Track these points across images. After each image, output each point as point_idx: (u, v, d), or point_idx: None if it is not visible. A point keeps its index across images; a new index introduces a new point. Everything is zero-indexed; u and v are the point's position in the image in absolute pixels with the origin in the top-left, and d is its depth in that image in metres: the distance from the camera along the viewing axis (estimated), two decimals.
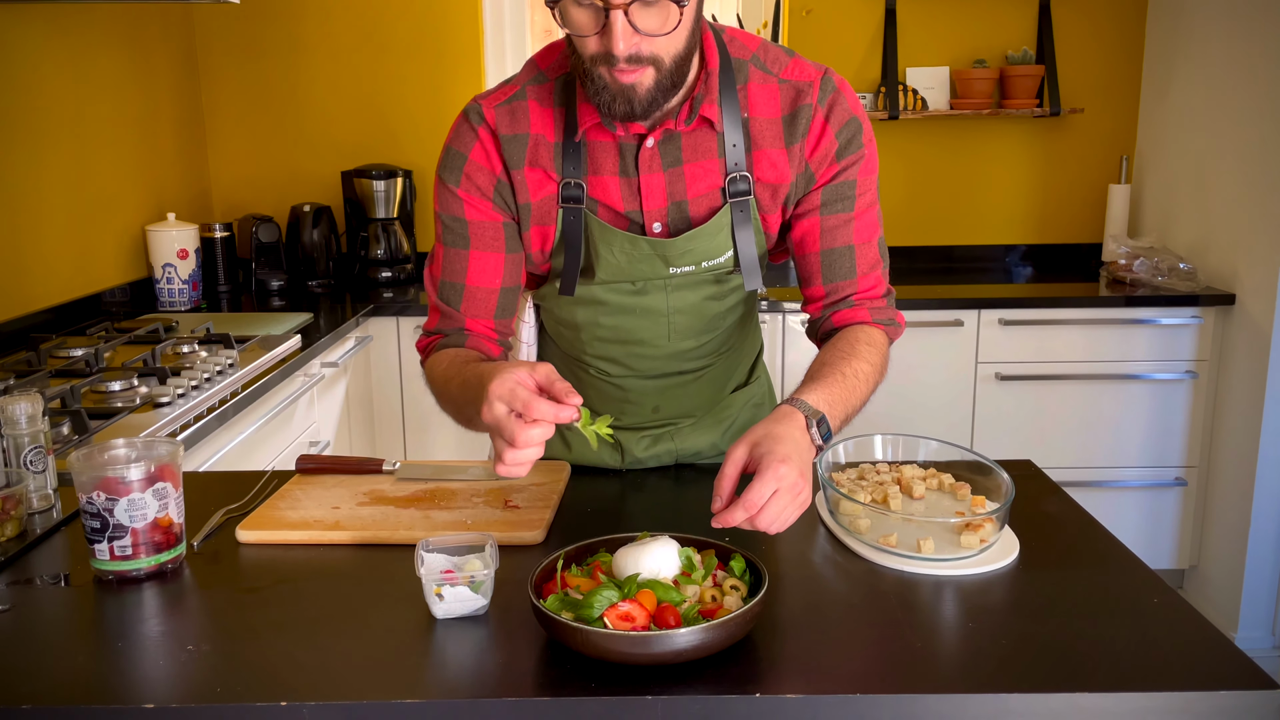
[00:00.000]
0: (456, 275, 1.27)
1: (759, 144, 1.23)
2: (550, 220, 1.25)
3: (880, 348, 1.24)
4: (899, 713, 0.84)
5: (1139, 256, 2.92)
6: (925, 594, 1.03)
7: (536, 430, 0.99)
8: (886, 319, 1.29)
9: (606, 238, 1.24)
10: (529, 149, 1.23)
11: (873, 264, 1.28)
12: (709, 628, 0.86)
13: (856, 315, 1.27)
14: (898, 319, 1.30)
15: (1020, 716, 0.84)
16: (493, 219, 1.26)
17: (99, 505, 1.07)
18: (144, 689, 0.87)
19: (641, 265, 1.26)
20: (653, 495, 1.33)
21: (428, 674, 0.90)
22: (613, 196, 1.24)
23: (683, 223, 1.25)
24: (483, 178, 1.24)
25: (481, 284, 1.27)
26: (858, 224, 1.26)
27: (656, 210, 1.24)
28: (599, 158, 1.23)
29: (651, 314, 1.31)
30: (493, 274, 1.27)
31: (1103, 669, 0.88)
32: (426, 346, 1.32)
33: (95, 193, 2.64)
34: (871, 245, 1.28)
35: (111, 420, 1.67)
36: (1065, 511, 1.23)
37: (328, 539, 1.16)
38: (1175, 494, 2.87)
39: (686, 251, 1.24)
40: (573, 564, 0.99)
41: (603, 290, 1.29)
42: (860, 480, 1.26)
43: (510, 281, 1.29)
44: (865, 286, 1.28)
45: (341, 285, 3.18)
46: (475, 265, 1.27)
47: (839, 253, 1.26)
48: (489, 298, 1.28)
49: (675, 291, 1.29)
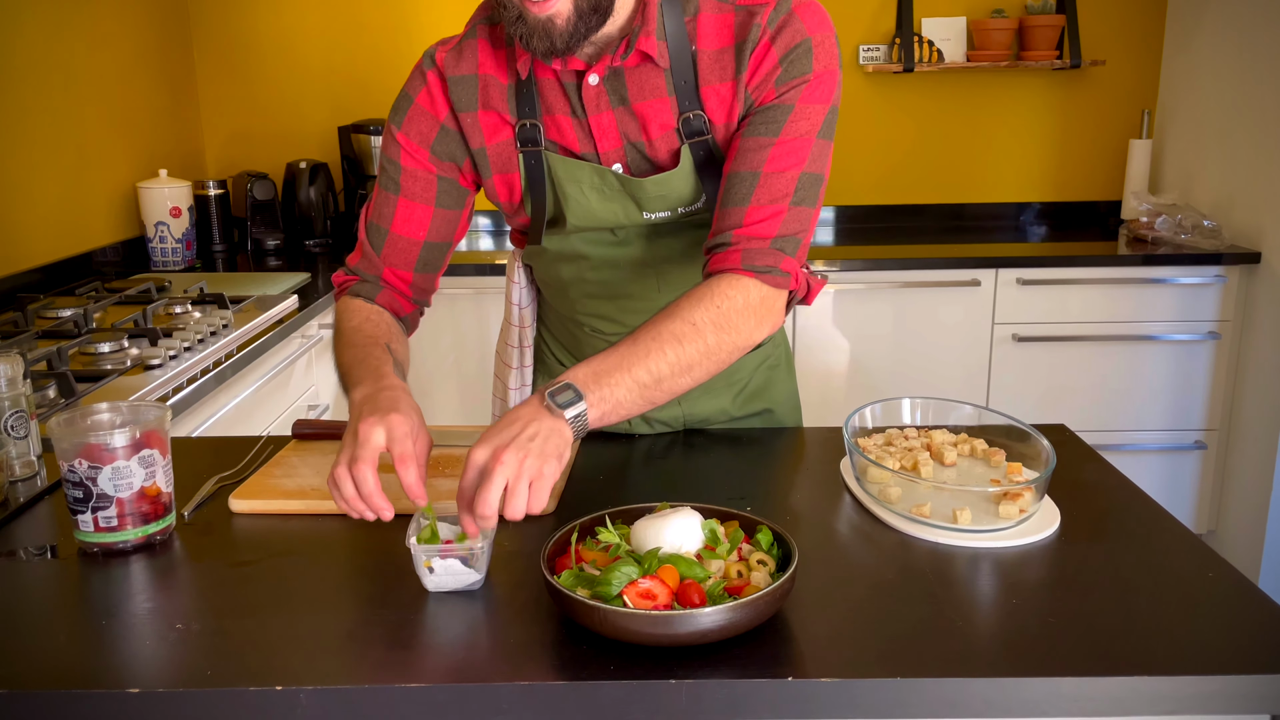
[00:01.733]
0: (383, 220, 1.21)
1: (707, 79, 1.12)
2: (513, 167, 1.18)
3: (724, 300, 1.04)
4: (942, 698, 0.78)
5: (1161, 214, 2.83)
6: (962, 568, 0.96)
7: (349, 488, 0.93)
8: (764, 265, 1.07)
9: (573, 175, 1.16)
10: (479, 90, 1.15)
11: (776, 197, 1.08)
12: (736, 606, 0.80)
13: (727, 260, 1.08)
14: (782, 266, 1.08)
15: (1073, 702, 0.78)
16: (426, 169, 1.19)
17: (81, 474, 1.01)
18: (128, 672, 0.81)
19: (613, 206, 1.18)
20: (663, 463, 1.27)
21: (434, 655, 0.83)
22: (568, 137, 1.16)
23: (645, 165, 1.17)
24: (425, 124, 1.17)
25: (405, 233, 1.21)
26: (776, 150, 1.09)
27: (613, 151, 1.16)
28: (549, 97, 1.15)
29: (637, 266, 1.24)
30: (418, 225, 1.21)
31: (1159, 650, 0.81)
32: (342, 283, 1.26)
33: (83, 148, 2.55)
34: (784, 176, 1.08)
35: (100, 383, 1.60)
36: (1105, 479, 1.17)
37: (325, 508, 1.09)
38: (1195, 457, 2.81)
39: (658, 196, 1.17)
40: (587, 536, 0.93)
41: (582, 243, 1.22)
42: (888, 446, 1.19)
43: (437, 237, 1.22)
44: (753, 220, 1.08)
45: (340, 244, 3.10)
46: (401, 213, 1.20)
47: (740, 177, 1.09)
48: (410, 249, 1.22)
49: (658, 240, 1.22)
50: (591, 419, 0.96)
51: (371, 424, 0.94)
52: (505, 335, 1.45)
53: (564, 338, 1.40)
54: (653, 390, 1.01)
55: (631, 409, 1.00)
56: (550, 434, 0.92)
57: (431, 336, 2.76)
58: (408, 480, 0.93)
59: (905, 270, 2.69)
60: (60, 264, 2.43)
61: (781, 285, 1.09)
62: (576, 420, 0.95)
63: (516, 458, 0.89)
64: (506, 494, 0.88)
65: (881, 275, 2.68)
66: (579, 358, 1.39)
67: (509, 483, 0.88)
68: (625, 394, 0.98)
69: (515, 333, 1.42)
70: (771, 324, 1.10)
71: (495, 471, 0.88)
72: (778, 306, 1.11)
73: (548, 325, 1.43)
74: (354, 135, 3.05)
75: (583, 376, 0.97)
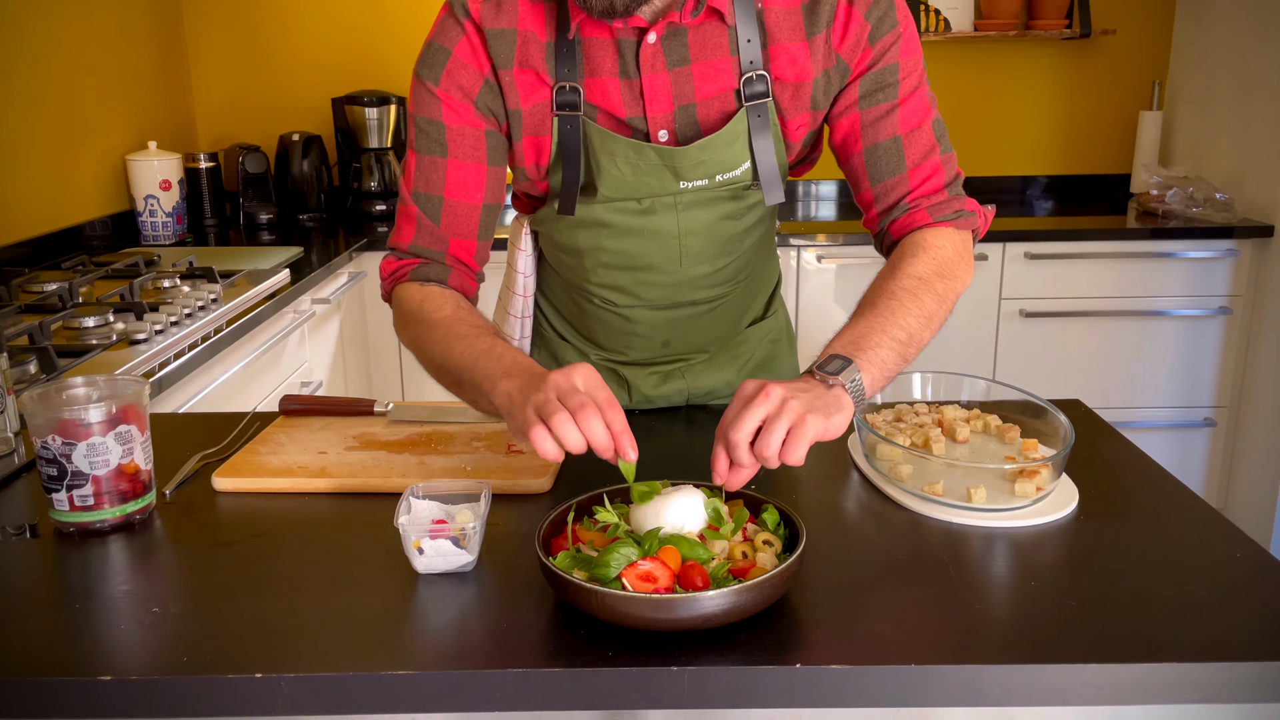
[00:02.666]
0: (434, 187, 1.12)
1: (775, 37, 1.08)
2: (545, 130, 1.11)
3: (935, 250, 1.07)
4: (959, 685, 0.74)
5: (1172, 187, 2.78)
6: (977, 548, 0.92)
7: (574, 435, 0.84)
8: (953, 211, 1.11)
9: (609, 147, 1.10)
10: (518, 47, 1.09)
11: (926, 152, 1.11)
12: (741, 589, 0.75)
13: (914, 219, 1.11)
14: (967, 207, 1.12)
15: (1098, 690, 0.74)
16: (474, 125, 1.11)
17: (55, 450, 0.96)
18: (101, 659, 0.77)
19: (648, 179, 1.12)
20: (664, 439, 1.22)
21: (422, 641, 0.79)
22: (613, 101, 1.10)
23: (692, 129, 1.11)
24: (467, 77, 1.09)
25: (462, 198, 1.12)
26: (903, 111, 1.10)
27: (662, 116, 1.10)
28: (596, 57, 1.08)
29: (661, 236, 1.18)
30: (474, 187, 1.12)
31: (1186, 635, 0.77)
32: (396, 270, 1.15)
33: (71, 120, 2.49)
34: (923, 131, 1.11)
35: (83, 358, 1.55)
36: (1124, 456, 1.12)
37: (313, 487, 1.05)
38: (1204, 435, 2.76)
39: (699, 163, 1.11)
40: (585, 516, 0.88)
41: (606, 210, 1.16)
42: (897, 422, 1.14)
43: (493, 198, 1.15)
44: (919, 180, 1.11)
45: (334, 219, 3.04)
46: (454, 176, 1.12)
47: (883, 147, 1.11)
48: (470, 215, 1.13)
49: (687, 210, 1.16)
50: (866, 384, 0.92)
51: (567, 374, 0.86)
52: (506, 305, 1.38)
53: (568, 310, 1.34)
54: (908, 347, 0.99)
55: (894, 370, 0.97)
56: (827, 395, 0.88)
57: None
58: (617, 427, 0.84)
59: None
60: (48, 237, 2.38)
61: (971, 225, 1.12)
62: (854, 386, 0.91)
63: (782, 395, 0.85)
64: (761, 431, 0.83)
65: None
66: (584, 331, 1.33)
67: (767, 417, 0.84)
68: (889, 354, 0.96)
69: (519, 303, 1.36)
70: (972, 266, 1.12)
71: (757, 403, 0.84)
72: (971, 248, 1.13)
73: (548, 296, 1.37)
74: (348, 107, 2.98)
75: (843, 345, 0.94)
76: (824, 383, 0.90)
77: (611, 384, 1.30)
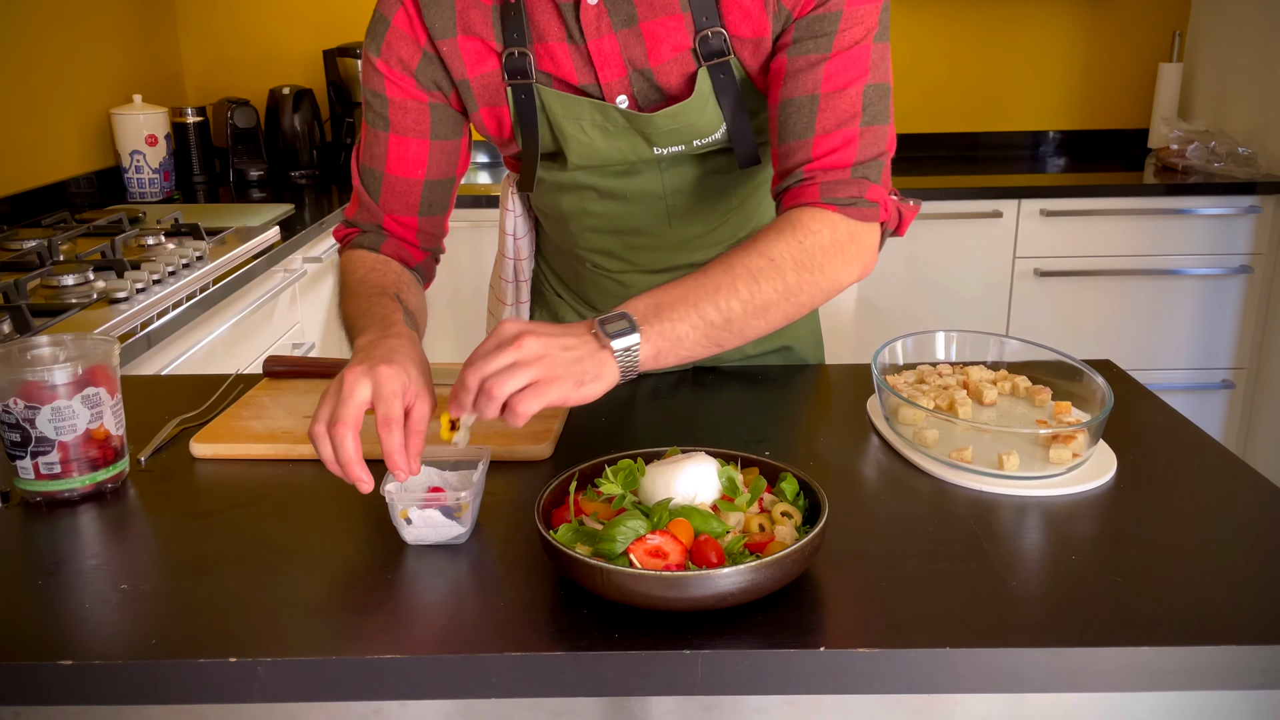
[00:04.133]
0: (376, 161, 1.08)
1: None
2: (501, 100, 1.04)
3: (808, 236, 0.93)
4: (999, 670, 0.68)
5: (1192, 141, 2.68)
6: (1009, 519, 0.85)
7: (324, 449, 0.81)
8: (847, 196, 0.95)
9: (571, 111, 1.02)
10: (458, 13, 1.00)
11: (842, 120, 0.95)
12: (759, 565, 0.69)
13: (802, 194, 0.96)
14: (869, 195, 0.96)
15: (1150, 675, 0.68)
16: (416, 98, 1.04)
17: (17, 415, 0.89)
18: (62, 641, 0.70)
19: (619, 143, 1.04)
20: (671, 403, 1.15)
21: (412, 621, 0.73)
22: (564, 67, 1.01)
23: (653, 94, 1.02)
24: (406, 48, 1.02)
25: (402, 173, 1.07)
26: (830, 66, 0.95)
27: (616, 81, 1.01)
28: (541, 22, 1.00)
29: (646, 197, 1.10)
30: (415, 163, 1.07)
31: (1248, 615, 0.71)
32: (344, 237, 1.14)
33: (52, 72, 2.40)
34: (846, 95, 0.95)
35: (59, 317, 1.48)
36: (1162, 419, 1.05)
37: (297, 453, 0.99)
38: (1221, 396, 2.70)
39: (671, 130, 1.02)
40: (588, 486, 0.81)
41: (585, 174, 1.08)
42: (920, 384, 1.08)
43: (438, 173, 1.09)
44: (824, 150, 0.96)
45: (326, 176, 2.95)
46: (395, 151, 1.06)
47: (797, 104, 0.97)
48: (410, 190, 1.08)
49: (671, 169, 1.08)
50: (644, 356, 0.83)
51: (357, 376, 0.81)
52: (499, 268, 1.32)
53: (565, 272, 1.27)
54: (721, 331, 0.88)
55: (693, 351, 0.87)
56: (587, 358, 0.80)
57: None
58: (388, 446, 0.79)
59: (924, 201, 2.54)
60: (30, 194, 2.29)
61: (870, 218, 0.97)
62: (626, 355, 0.82)
63: (537, 350, 0.79)
64: (503, 372, 0.78)
65: None
66: (581, 294, 1.26)
67: (515, 362, 0.78)
68: (689, 331, 0.86)
69: (510, 265, 1.29)
70: (863, 263, 0.98)
71: (509, 349, 0.78)
72: (869, 243, 0.98)
73: (546, 258, 1.30)
74: (340, 59, 2.88)
75: (642, 308, 0.85)
76: (597, 339, 0.82)
77: None
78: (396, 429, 0.80)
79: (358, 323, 0.97)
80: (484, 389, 0.78)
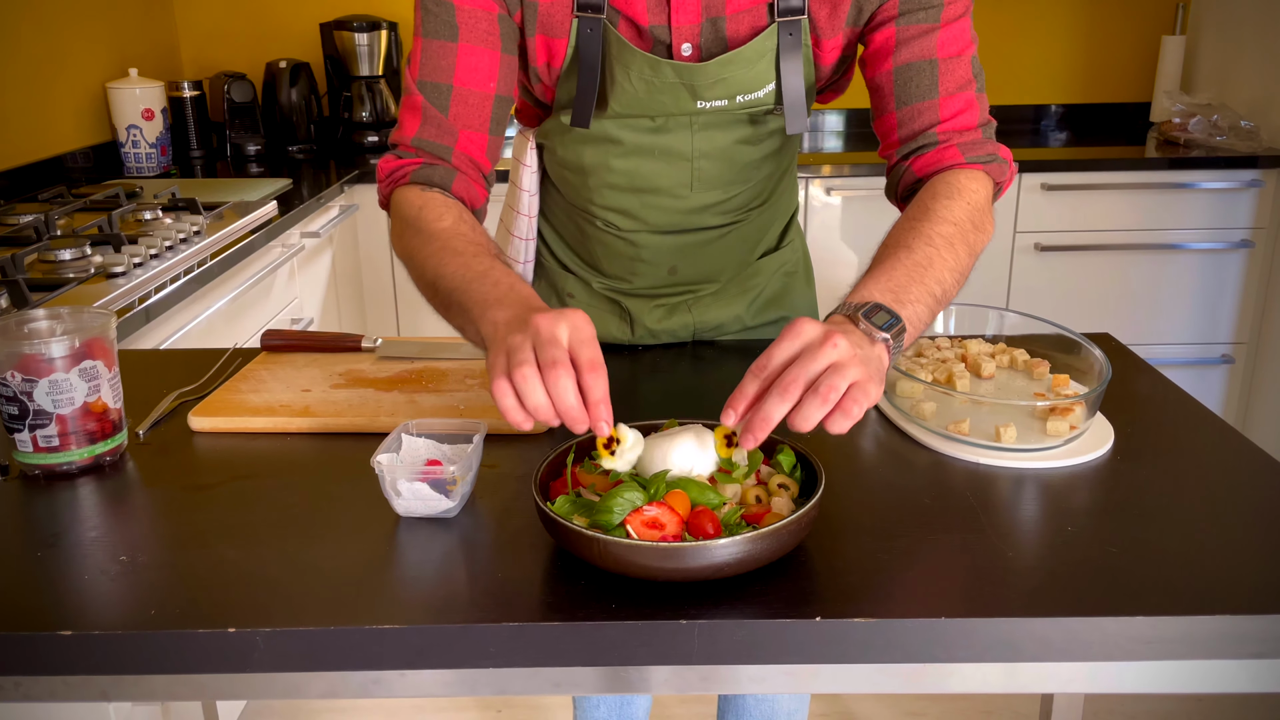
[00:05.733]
0: (441, 74, 1.00)
1: None
2: (561, 32, 1.02)
3: (971, 195, 0.96)
4: (995, 639, 0.68)
5: (1195, 115, 2.67)
6: (1006, 491, 0.86)
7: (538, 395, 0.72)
8: (985, 155, 1.01)
9: (624, 59, 1.02)
10: None
11: (962, 84, 1.01)
12: (755, 537, 0.69)
13: (944, 157, 1.00)
14: (1001, 154, 1.03)
15: (1147, 645, 0.68)
16: (486, 7, 1.00)
17: (15, 387, 0.89)
18: (62, 612, 0.71)
19: (662, 97, 1.04)
20: (670, 376, 1.15)
21: (411, 592, 0.73)
22: (636, 7, 1.00)
23: (717, 44, 1.02)
24: None
25: (474, 86, 1.01)
26: (943, 35, 1.00)
27: (688, 27, 1.01)
28: None
29: (673, 157, 1.09)
30: (486, 75, 1.01)
31: (1244, 585, 0.71)
32: (396, 170, 1.03)
33: (47, 46, 2.38)
34: (962, 60, 1.01)
35: (56, 292, 1.48)
36: (1160, 392, 1.05)
37: (295, 427, 0.99)
38: (1221, 372, 2.70)
39: (719, 80, 1.02)
40: (585, 458, 0.82)
41: (616, 126, 1.07)
42: (918, 358, 1.07)
43: (505, 89, 1.04)
44: (952, 111, 1.01)
45: (324, 150, 2.94)
46: (465, 61, 1.00)
47: (917, 68, 1.01)
48: (483, 105, 1.02)
49: (702, 131, 1.08)
50: (904, 345, 0.82)
51: (553, 319, 0.73)
52: (509, 225, 1.28)
53: (570, 235, 1.25)
54: (939, 304, 0.88)
55: (919, 328, 0.86)
56: (875, 359, 0.76)
57: None
58: (595, 396, 0.72)
59: None
60: (26, 169, 2.28)
61: (1003, 174, 1.03)
62: (895, 347, 0.80)
63: (850, 349, 0.72)
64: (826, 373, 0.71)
65: None
66: (584, 256, 1.24)
67: (834, 364, 0.71)
68: (924, 312, 0.85)
69: (524, 223, 1.26)
70: (993, 218, 1.01)
71: (824, 349, 0.71)
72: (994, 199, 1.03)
73: (550, 220, 1.28)
74: (337, 33, 2.86)
75: (880, 296, 0.82)
76: (869, 336, 0.78)
77: (614, 318, 1.23)
78: (604, 377, 0.73)
79: (473, 288, 0.85)
80: (815, 389, 0.71)
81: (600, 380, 0.73)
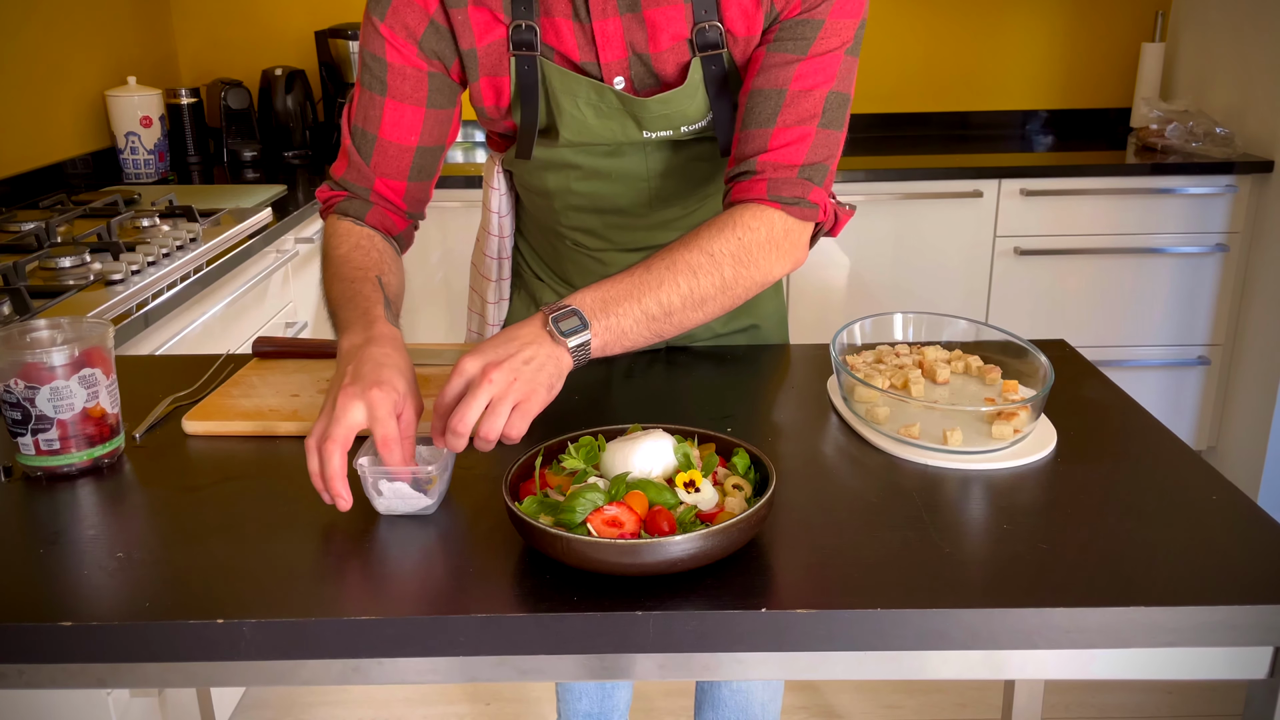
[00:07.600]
0: (370, 124, 1.10)
1: None
2: (503, 70, 1.08)
3: (747, 233, 0.99)
4: (926, 629, 0.74)
5: (1172, 121, 2.72)
6: (952, 491, 0.91)
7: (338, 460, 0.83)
8: (791, 196, 1.01)
9: (569, 87, 1.07)
10: None
11: (803, 117, 1.01)
12: (708, 534, 0.74)
13: (751, 189, 1.02)
14: (810, 197, 1.02)
15: (1065, 633, 0.74)
16: (416, 66, 1.08)
17: (18, 394, 0.95)
18: (62, 604, 0.76)
19: (610, 123, 1.09)
20: (644, 383, 1.21)
21: (388, 585, 0.78)
22: (567, 43, 1.06)
23: (649, 78, 1.07)
24: (413, 16, 1.05)
25: (395, 139, 1.10)
26: (803, 67, 1.01)
27: (616, 63, 1.06)
28: None
29: (629, 178, 1.15)
30: (409, 129, 1.10)
31: (1159, 579, 0.77)
32: (328, 200, 1.15)
33: (47, 54, 2.43)
34: (812, 95, 1.01)
35: (57, 299, 1.53)
36: (1106, 397, 1.11)
37: (284, 430, 1.04)
38: (1197, 373, 2.75)
39: (662, 115, 1.08)
40: (553, 460, 0.87)
41: (572, 152, 1.13)
42: (878, 364, 1.13)
43: (430, 140, 1.12)
44: (780, 143, 1.01)
45: (319, 156, 2.99)
46: (390, 116, 1.09)
47: (765, 94, 1.02)
48: (402, 156, 1.11)
49: (656, 153, 1.13)
50: (594, 348, 0.91)
51: (350, 398, 0.84)
52: (483, 246, 1.37)
53: (544, 251, 1.32)
54: (661, 323, 0.95)
55: (636, 341, 0.94)
56: (547, 361, 0.87)
57: (421, 252, 2.67)
58: (391, 462, 0.84)
59: (905, 181, 2.59)
60: (27, 176, 2.33)
61: (809, 217, 1.04)
62: (579, 350, 0.90)
63: (506, 378, 0.84)
64: (486, 412, 0.83)
65: (881, 186, 2.59)
66: (559, 273, 1.31)
67: (492, 400, 0.83)
68: (632, 325, 0.93)
69: (495, 243, 1.34)
70: (794, 259, 1.05)
71: (481, 388, 0.83)
72: (802, 240, 1.05)
73: (526, 237, 1.35)
74: (332, 40, 2.91)
75: (589, 303, 0.92)
76: (551, 336, 0.89)
77: None
78: (396, 446, 0.84)
79: (341, 312, 1.00)
80: (478, 435, 0.84)
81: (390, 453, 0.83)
